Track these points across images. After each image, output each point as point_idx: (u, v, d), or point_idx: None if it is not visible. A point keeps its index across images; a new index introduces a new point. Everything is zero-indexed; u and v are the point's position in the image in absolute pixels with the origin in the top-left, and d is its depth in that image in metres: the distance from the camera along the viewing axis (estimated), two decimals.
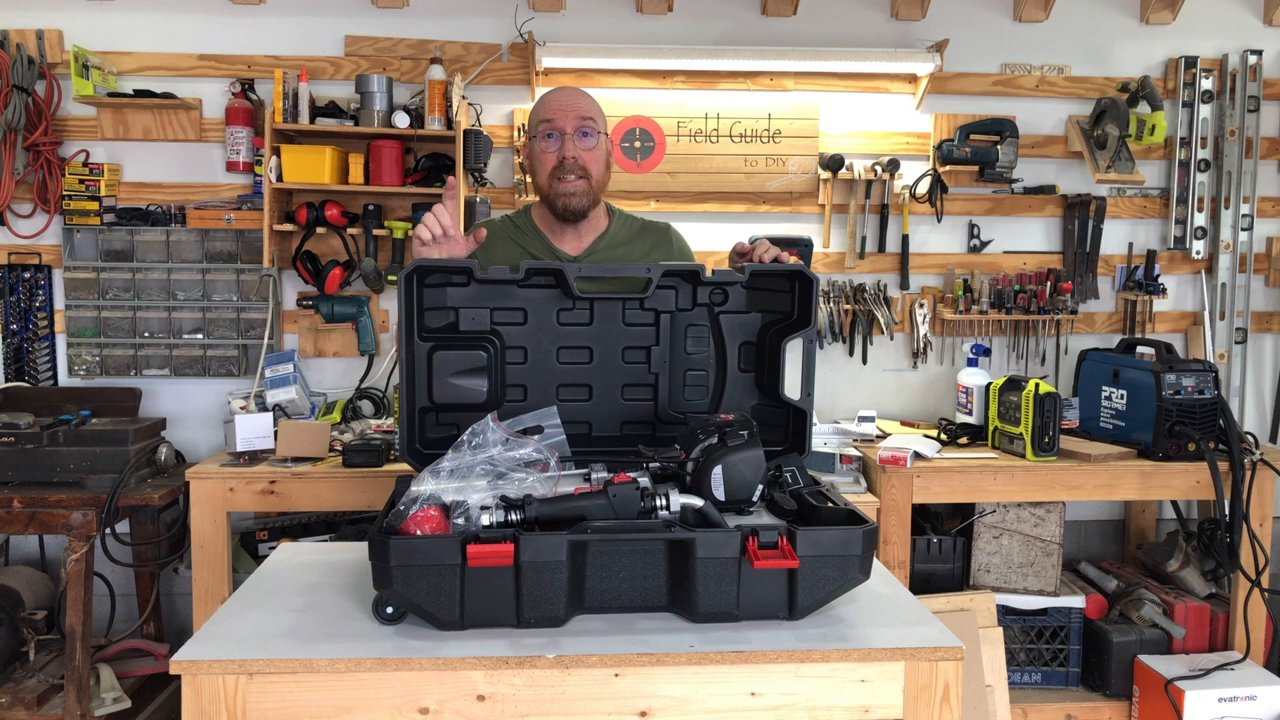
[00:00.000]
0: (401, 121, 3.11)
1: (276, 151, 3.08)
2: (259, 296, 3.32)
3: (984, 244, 3.52)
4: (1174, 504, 3.52)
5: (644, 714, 1.31)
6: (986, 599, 2.84)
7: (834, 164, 3.35)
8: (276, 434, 2.82)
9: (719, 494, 1.44)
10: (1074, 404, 3.25)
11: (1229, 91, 3.49)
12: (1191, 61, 3.49)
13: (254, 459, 2.82)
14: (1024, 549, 3.07)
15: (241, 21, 3.30)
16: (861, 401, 3.47)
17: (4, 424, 2.80)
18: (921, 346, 3.49)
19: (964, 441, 3.13)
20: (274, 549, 1.76)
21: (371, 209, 3.22)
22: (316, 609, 1.44)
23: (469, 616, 1.33)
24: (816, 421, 3.10)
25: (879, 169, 3.39)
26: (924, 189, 3.45)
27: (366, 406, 3.31)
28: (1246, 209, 3.52)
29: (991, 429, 3.09)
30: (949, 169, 3.38)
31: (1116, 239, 3.55)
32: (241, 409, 3.02)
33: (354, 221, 3.24)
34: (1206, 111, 3.51)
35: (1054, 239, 3.56)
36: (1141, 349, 3.16)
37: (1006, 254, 3.54)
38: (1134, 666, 3.00)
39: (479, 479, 1.42)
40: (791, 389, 1.71)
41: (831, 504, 1.52)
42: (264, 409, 3.01)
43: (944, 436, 3.12)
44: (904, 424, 3.40)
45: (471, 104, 3.32)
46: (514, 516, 1.38)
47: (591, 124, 1.97)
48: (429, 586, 1.31)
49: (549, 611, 1.34)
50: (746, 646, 1.31)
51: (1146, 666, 2.94)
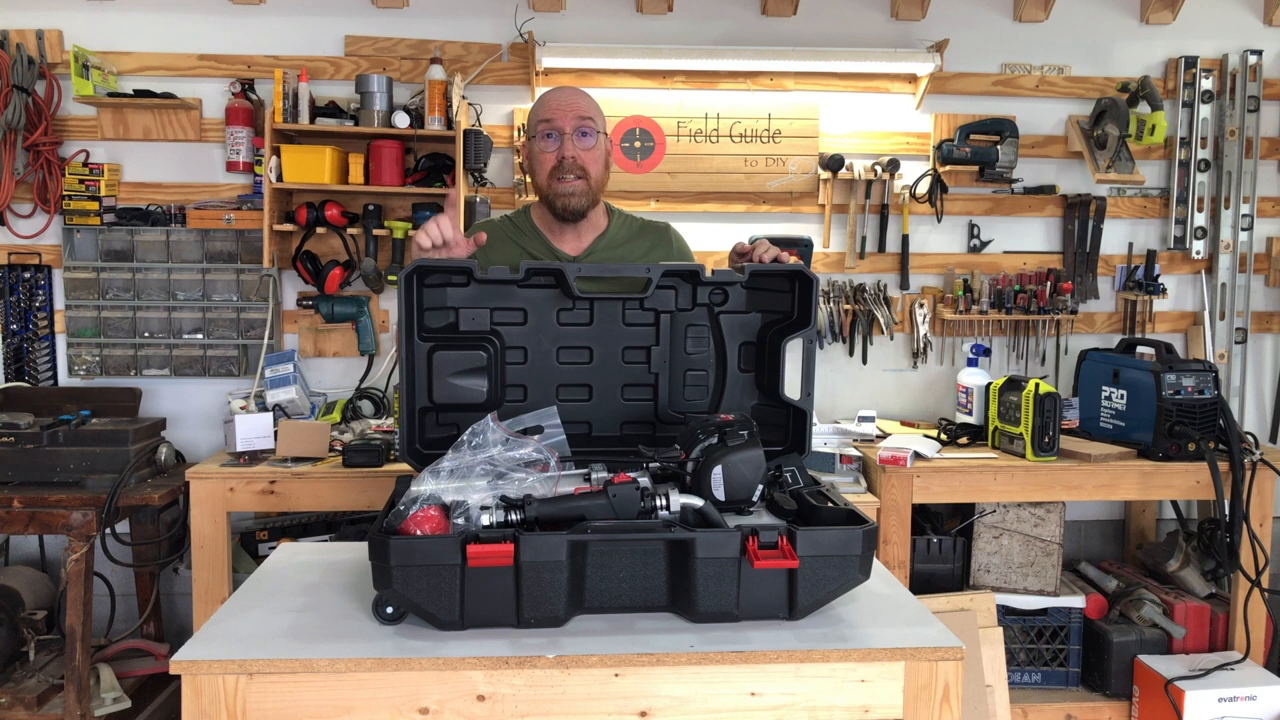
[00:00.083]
0: (401, 121, 3.11)
1: (276, 151, 3.08)
2: (259, 296, 3.32)
3: (984, 244, 3.52)
4: (1174, 504, 3.52)
5: (644, 714, 1.31)
6: (986, 599, 2.85)
7: (834, 164, 3.35)
8: (276, 434, 2.82)
9: (719, 494, 1.44)
10: (1074, 404, 3.25)
11: (1229, 91, 3.49)
12: (1191, 61, 3.49)
13: (254, 459, 2.82)
14: (1024, 549, 3.07)
15: (241, 21, 3.30)
16: (861, 401, 3.47)
17: (4, 424, 2.80)
18: (921, 346, 3.49)
19: (964, 441, 3.13)
20: (274, 549, 1.76)
21: (371, 209, 3.22)
22: (316, 609, 1.44)
23: (469, 616, 1.33)
24: (816, 421, 3.10)
25: (879, 169, 3.39)
26: (924, 189, 3.45)
27: (366, 406, 3.31)
28: (1246, 209, 3.52)
29: (991, 429, 3.10)
30: (949, 169, 3.38)
31: (1116, 239, 3.55)
32: (241, 409, 3.02)
33: (354, 221, 3.24)
34: (1206, 111, 3.51)
35: (1054, 239, 3.56)
36: (1141, 349, 3.16)
37: (1006, 254, 3.55)
38: (1134, 666, 3.00)
39: (479, 479, 1.42)
40: (791, 389, 1.71)
41: (831, 504, 1.52)
42: (264, 409, 3.01)
43: (944, 436, 3.12)
44: (904, 424, 3.40)
45: (471, 104, 3.32)
46: (514, 516, 1.38)
47: (590, 124, 1.97)
48: (429, 586, 1.31)
49: (549, 611, 1.34)
50: (746, 646, 1.31)
51: (1146, 666, 2.94)
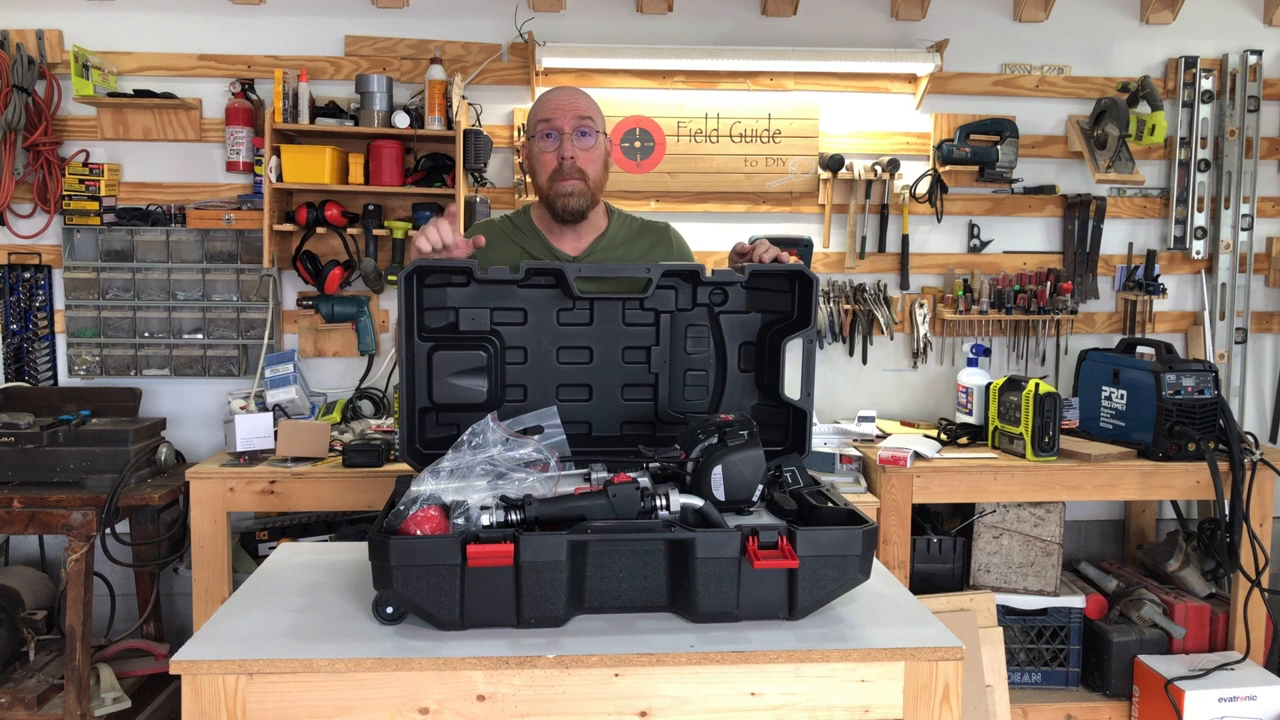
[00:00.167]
0: (401, 121, 3.11)
1: (276, 151, 3.08)
2: (259, 296, 3.32)
3: (984, 244, 3.52)
4: (1174, 504, 3.52)
5: (644, 714, 1.31)
6: (986, 599, 2.85)
7: (834, 164, 3.35)
8: (276, 434, 2.82)
9: (719, 494, 1.44)
10: (1074, 404, 3.25)
11: (1229, 91, 3.49)
12: (1191, 61, 3.49)
13: (254, 459, 2.82)
14: (1024, 549, 3.07)
15: (241, 21, 3.30)
16: (861, 401, 3.47)
17: (4, 424, 2.80)
18: (921, 346, 3.49)
19: (964, 441, 3.13)
20: (274, 549, 1.76)
21: (371, 209, 3.22)
22: (316, 609, 1.44)
23: (469, 616, 1.33)
24: (816, 421, 3.10)
25: (879, 169, 3.39)
26: (924, 189, 3.45)
27: (366, 406, 3.31)
28: (1246, 209, 3.52)
29: (991, 429, 3.09)
30: (949, 169, 3.38)
31: (1116, 239, 3.55)
32: (241, 409, 3.02)
33: (354, 221, 3.24)
34: (1206, 111, 3.51)
35: (1054, 239, 3.56)
36: (1141, 349, 3.16)
37: (1006, 254, 3.55)
38: (1134, 666, 3.00)
39: (479, 479, 1.42)
40: (791, 389, 1.71)
41: (831, 504, 1.52)
42: (264, 409, 3.01)
43: (944, 436, 3.12)
44: (904, 424, 3.40)
45: (471, 104, 3.32)
46: (514, 516, 1.38)
47: (590, 123, 1.97)
48: (429, 586, 1.31)
49: (549, 611, 1.34)
50: (746, 646, 1.31)
51: (1146, 666, 2.94)
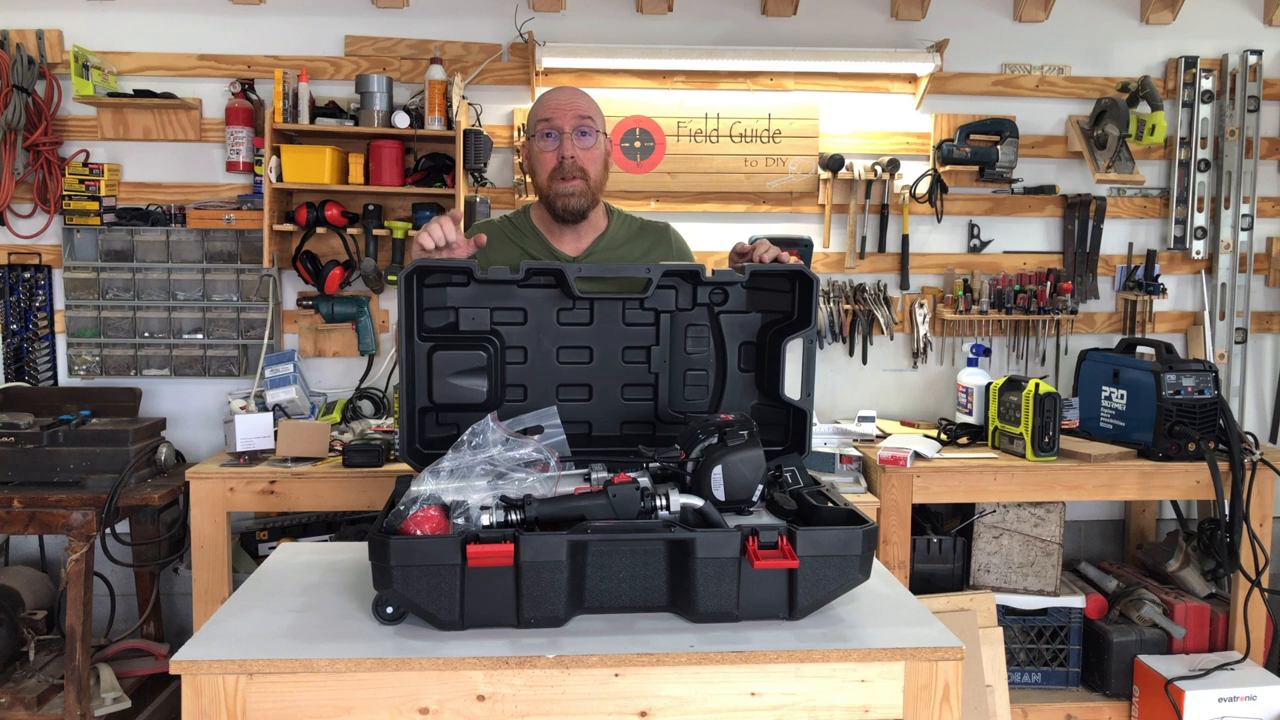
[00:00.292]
0: (401, 121, 3.11)
1: (276, 151, 3.08)
2: (259, 296, 3.32)
3: (984, 244, 3.52)
4: (1174, 504, 3.52)
5: (644, 714, 1.31)
6: (986, 599, 2.84)
7: (834, 164, 3.35)
8: (276, 434, 2.82)
9: (719, 494, 1.44)
10: (1074, 404, 3.25)
11: (1229, 91, 3.49)
12: (1191, 61, 3.49)
13: (254, 459, 2.82)
14: (1024, 549, 3.07)
15: (241, 21, 3.30)
16: (861, 401, 3.47)
17: (4, 424, 2.80)
18: (921, 346, 3.49)
19: (964, 441, 3.13)
20: (274, 549, 1.76)
21: (371, 209, 3.22)
22: (316, 609, 1.44)
23: (469, 616, 1.33)
24: (816, 421, 3.10)
25: (879, 169, 3.39)
26: (924, 189, 3.45)
27: (366, 406, 3.31)
28: (1246, 209, 3.52)
29: (991, 429, 3.09)
30: (949, 169, 3.38)
31: (1116, 239, 3.55)
32: (241, 409, 3.02)
33: (354, 221, 3.24)
34: (1206, 111, 3.51)
35: (1054, 239, 3.56)
36: (1141, 349, 3.16)
37: (1006, 254, 3.54)
38: (1134, 666, 3.00)
39: (479, 479, 1.42)
40: (791, 389, 1.71)
41: (831, 504, 1.52)
42: (264, 409, 3.01)
43: (944, 436, 3.12)
44: (904, 424, 3.40)
45: (471, 104, 3.32)
46: (514, 516, 1.38)
47: (590, 123, 1.97)
48: (429, 586, 1.31)
49: (549, 611, 1.34)
50: (746, 646, 1.31)
51: (1146, 666, 2.94)
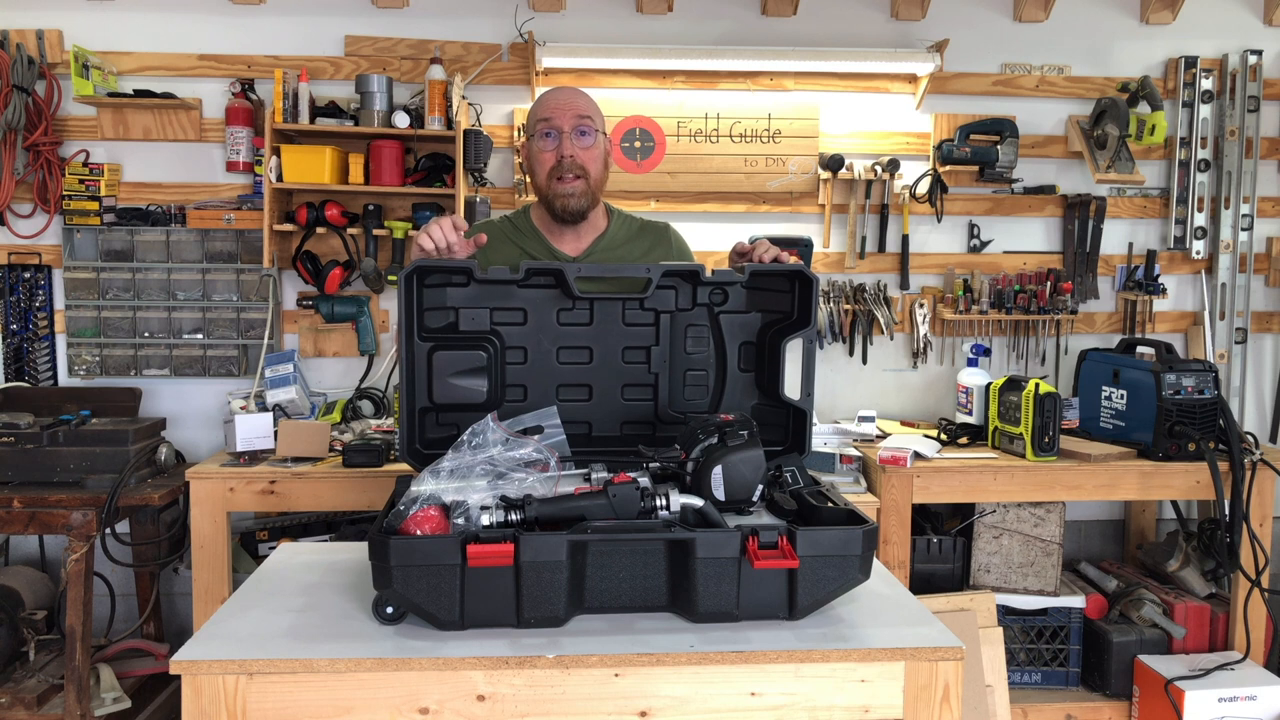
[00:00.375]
0: (401, 121, 3.11)
1: (276, 151, 3.08)
2: (259, 296, 3.32)
3: (984, 244, 3.52)
4: (1174, 504, 3.52)
5: (644, 714, 1.31)
6: (986, 599, 2.84)
7: (834, 164, 3.35)
8: (276, 434, 2.82)
9: (719, 494, 1.44)
10: (1074, 404, 3.25)
11: (1229, 91, 3.49)
12: (1191, 61, 3.49)
13: (254, 459, 2.82)
14: (1024, 549, 3.07)
15: (241, 21, 3.30)
16: (861, 401, 3.47)
17: (4, 424, 2.80)
18: (921, 346, 3.49)
19: (964, 441, 3.13)
20: (274, 549, 1.76)
21: (371, 209, 3.22)
22: (316, 609, 1.44)
23: (469, 616, 1.33)
24: (816, 421, 3.10)
25: (879, 169, 3.39)
26: (924, 189, 3.45)
27: (366, 406, 3.31)
28: (1246, 209, 3.52)
29: (991, 429, 3.09)
30: (949, 169, 3.38)
31: (1116, 239, 3.55)
32: (241, 409, 3.02)
33: (354, 221, 3.24)
34: (1206, 111, 3.51)
35: (1054, 239, 3.56)
36: (1141, 349, 3.16)
37: (1006, 254, 3.54)
38: (1134, 666, 3.00)
39: (479, 479, 1.42)
40: (791, 389, 1.71)
41: (831, 504, 1.52)
42: (264, 409, 3.01)
43: (944, 436, 3.12)
44: (904, 424, 3.40)
45: (471, 104, 3.32)
46: (514, 516, 1.38)
47: (589, 123, 1.97)
48: (429, 586, 1.31)
49: (549, 611, 1.34)
50: (746, 646, 1.31)
51: (1146, 666, 2.94)
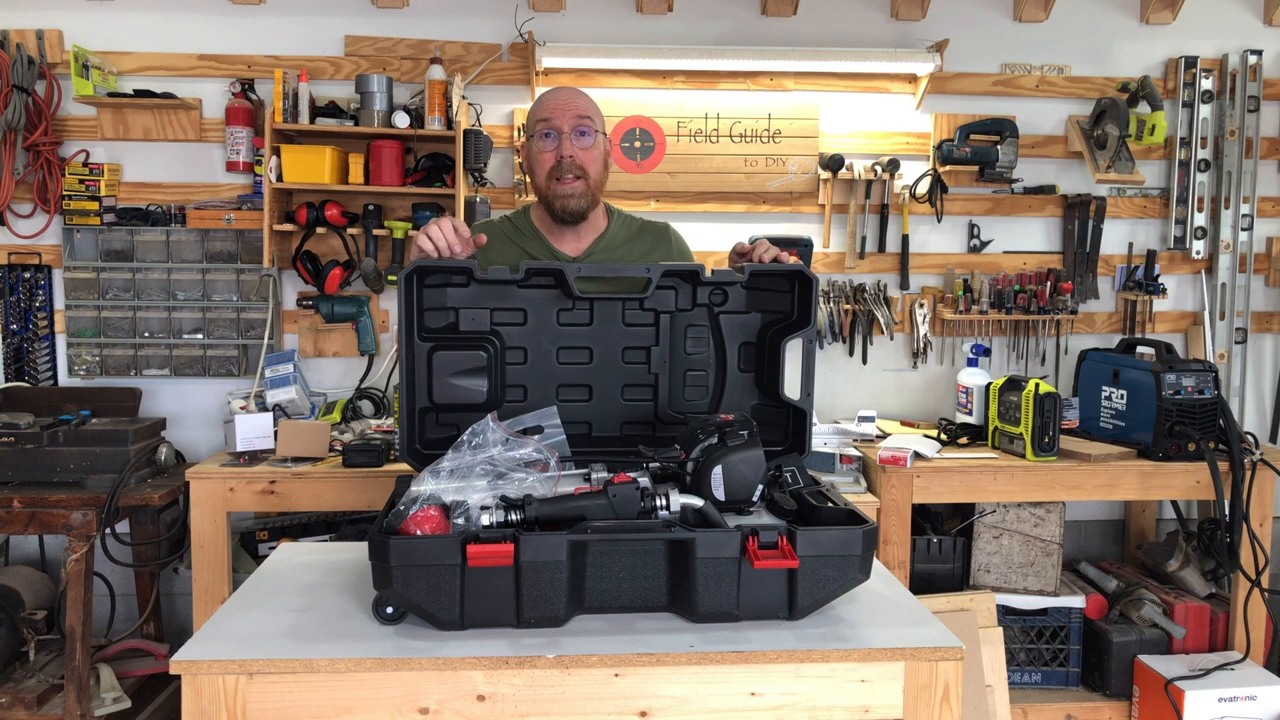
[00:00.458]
0: (401, 121, 3.11)
1: (276, 151, 3.08)
2: (259, 296, 3.32)
3: (984, 244, 3.52)
4: (1174, 504, 3.52)
5: (644, 714, 1.31)
6: (986, 599, 2.84)
7: (834, 164, 3.35)
8: (276, 434, 2.82)
9: (719, 494, 1.44)
10: (1074, 404, 3.25)
11: (1229, 91, 3.49)
12: (1191, 61, 3.49)
13: (254, 459, 2.82)
14: (1024, 549, 3.07)
15: (241, 21, 3.30)
16: (861, 401, 3.47)
17: (4, 424, 2.80)
18: (921, 346, 3.49)
19: (964, 441, 3.13)
20: (274, 549, 1.76)
21: (371, 209, 3.22)
22: (316, 609, 1.44)
23: (469, 616, 1.33)
24: (816, 421, 3.10)
25: (879, 169, 3.39)
26: (924, 189, 3.45)
27: (366, 406, 3.31)
28: (1246, 209, 3.52)
29: (991, 429, 3.09)
30: (949, 169, 3.38)
31: (1116, 239, 3.55)
32: (241, 409, 3.02)
33: (354, 221, 3.24)
34: (1206, 111, 3.51)
35: (1054, 239, 3.56)
36: (1141, 349, 3.16)
37: (1006, 254, 3.54)
38: (1134, 666, 3.00)
39: (479, 479, 1.42)
40: (791, 389, 1.71)
41: (831, 504, 1.52)
42: (264, 409, 3.01)
43: (944, 436, 3.12)
44: (904, 424, 3.40)
45: (471, 104, 3.32)
46: (514, 516, 1.38)
47: (589, 123, 1.96)
48: (429, 586, 1.31)
49: (549, 611, 1.34)
50: (746, 646, 1.31)
51: (1146, 666, 2.94)
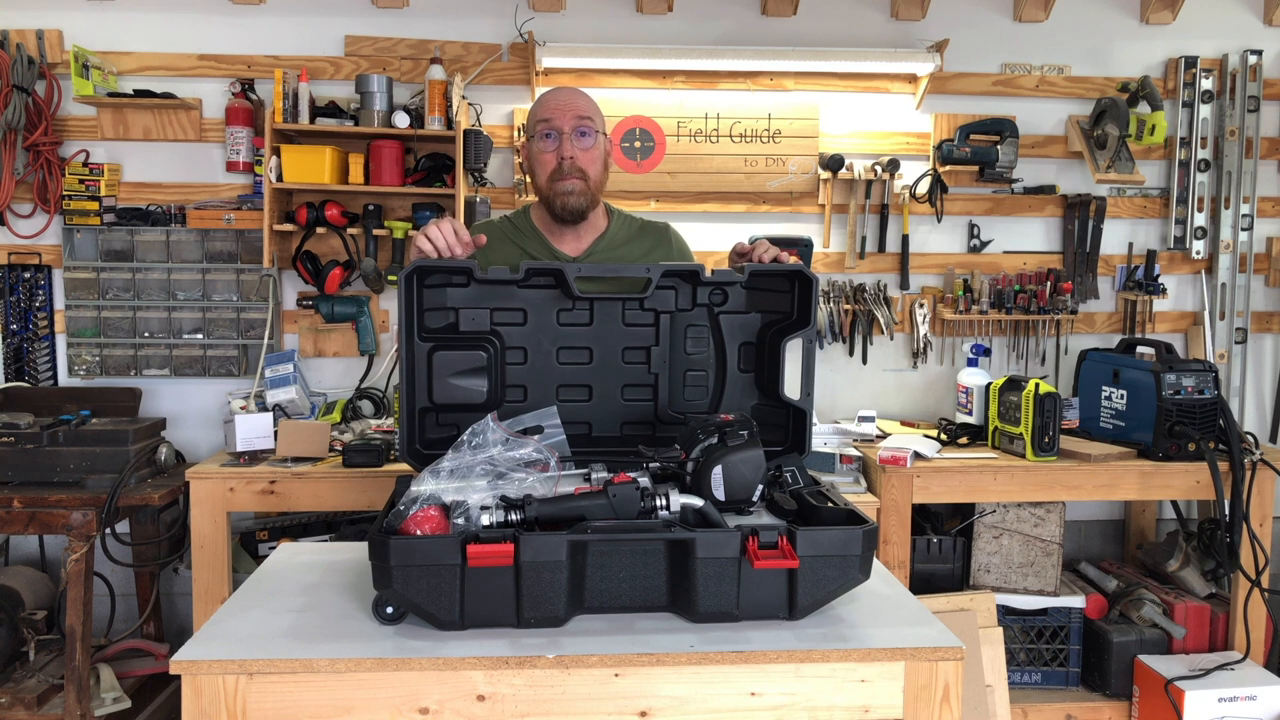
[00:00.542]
0: (401, 121, 3.11)
1: (276, 151, 3.08)
2: (259, 296, 3.32)
3: (984, 244, 3.52)
4: (1174, 504, 3.52)
5: (644, 714, 1.31)
6: (986, 599, 2.84)
7: (834, 164, 3.35)
8: (276, 434, 2.82)
9: (719, 494, 1.44)
10: (1074, 404, 3.25)
11: (1229, 91, 3.49)
12: (1191, 61, 3.49)
13: (254, 459, 2.82)
14: (1024, 549, 3.07)
15: (241, 21, 3.30)
16: (861, 401, 3.47)
17: (4, 424, 2.80)
18: (921, 346, 3.48)
19: (964, 441, 3.13)
20: (274, 549, 1.76)
21: (371, 209, 3.22)
22: (316, 609, 1.44)
23: (469, 616, 1.33)
24: (816, 421, 3.10)
25: (879, 169, 3.39)
26: (924, 189, 3.45)
27: (366, 406, 3.31)
28: (1246, 209, 3.52)
29: (991, 429, 3.09)
30: (949, 169, 3.38)
31: (1116, 239, 3.55)
32: (241, 409, 3.02)
33: (354, 221, 3.24)
34: (1206, 111, 3.51)
35: (1054, 239, 3.56)
36: (1141, 349, 3.16)
37: (1006, 254, 3.54)
38: (1134, 666, 3.00)
39: (479, 479, 1.42)
40: (791, 389, 1.71)
41: (831, 504, 1.52)
42: (264, 409, 3.01)
43: (944, 436, 3.12)
44: (904, 424, 3.40)
45: (471, 104, 3.32)
46: (514, 516, 1.37)
47: (589, 123, 1.96)
48: (429, 586, 1.31)
49: (549, 611, 1.34)
50: (746, 646, 1.31)
51: (1146, 666, 2.94)
